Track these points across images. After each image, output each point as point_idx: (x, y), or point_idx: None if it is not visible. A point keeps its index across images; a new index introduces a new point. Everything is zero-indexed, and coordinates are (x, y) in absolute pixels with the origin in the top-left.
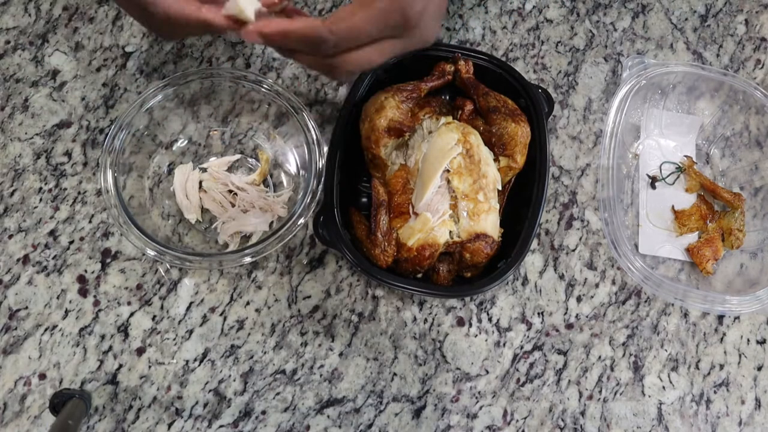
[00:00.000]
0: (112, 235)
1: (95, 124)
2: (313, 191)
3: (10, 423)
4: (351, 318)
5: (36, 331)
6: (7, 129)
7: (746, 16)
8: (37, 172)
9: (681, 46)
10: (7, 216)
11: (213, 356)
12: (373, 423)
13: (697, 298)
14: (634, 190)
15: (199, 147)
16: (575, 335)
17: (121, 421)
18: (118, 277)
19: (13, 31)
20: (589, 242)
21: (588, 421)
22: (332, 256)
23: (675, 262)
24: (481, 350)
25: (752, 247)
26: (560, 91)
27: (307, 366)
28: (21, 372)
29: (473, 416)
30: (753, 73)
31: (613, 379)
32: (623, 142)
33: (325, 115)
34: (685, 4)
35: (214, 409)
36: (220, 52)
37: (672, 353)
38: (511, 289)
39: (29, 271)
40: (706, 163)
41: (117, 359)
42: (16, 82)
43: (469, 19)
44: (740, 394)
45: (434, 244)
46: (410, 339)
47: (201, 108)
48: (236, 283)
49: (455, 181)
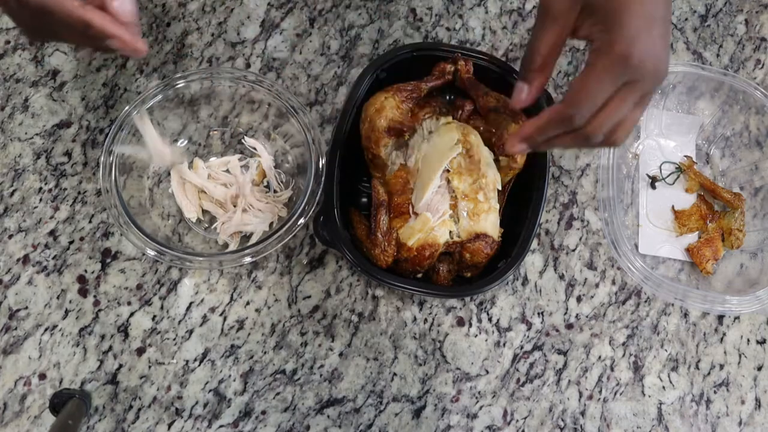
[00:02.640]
0: (112, 235)
1: (95, 124)
2: (313, 191)
3: (10, 423)
4: (351, 318)
5: (36, 331)
6: (7, 129)
7: (746, 16)
8: (37, 172)
9: (681, 46)
10: (7, 216)
11: (213, 356)
12: (373, 423)
13: (697, 298)
14: (634, 190)
15: (199, 147)
16: (575, 335)
17: (121, 421)
18: (118, 277)
19: (13, 31)
20: (589, 242)
21: (588, 421)
22: (332, 256)
23: (675, 262)
24: (481, 350)
25: (752, 247)
26: (560, 91)
27: (307, 366)
28: (21, 372)
29: (473, 416)
30: (753, 73)
31: (613, 379)
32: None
33: (325, 115)
34: (685, 4)
35: (214, 409)
36: (220, 52)
37: (672, 353)
38: (511, 289)
39: (29, 271)
40: (706, 163)
41: (117, 359)
42: (16, 82)
43: (469, 19)
44: (740, 394)
45: (434, 244)
46: (410, 339)
47: (201, 108)
48: (236, 283)
49: (455, 181)
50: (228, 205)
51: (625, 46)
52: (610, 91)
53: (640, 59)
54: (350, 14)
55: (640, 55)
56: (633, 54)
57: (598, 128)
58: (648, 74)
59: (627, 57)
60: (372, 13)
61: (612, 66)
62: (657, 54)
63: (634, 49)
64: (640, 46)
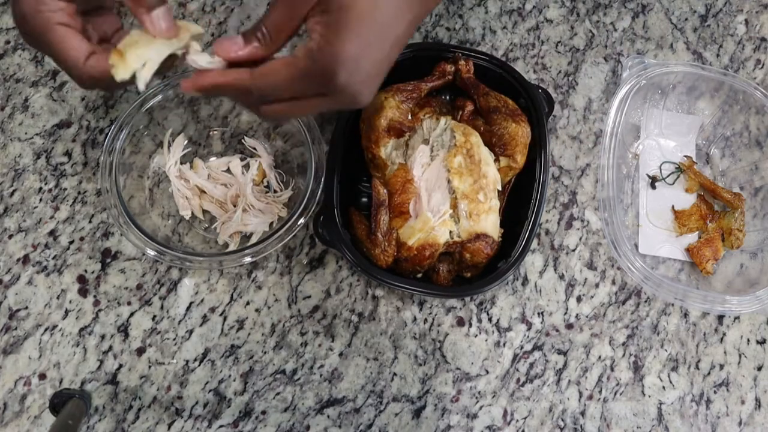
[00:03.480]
0: (112, 235)
1: (95, 124)
2: (313, 191)
3: (10, 423)
4: (351, 318)
5: (36, 331)
6: (7, 129)
7: (746, 16)
8: (37, 172)
9: (681, 46)
10: (7, 216)
11: (213, 356)
12: (373, 423)
13: (697, 298)
14: (634, 190)
15: (199, 147)
16: (575, 335)
17: (121, 421)
18: (118, 277)
19: (13, 31)
20: (589, 242)
21: (588, 421)
22: (332, 256)
23: (675, 262)
24: (481, 350)
25: (752, 247)
26: (560, 91)
27: (307, 366)
28: (21, 372)
29: (473, 416)
30: (753, 73)
31: (613, 379)
32: (623, 142)
33: (325, 115)
34: (685, 4)
35: (214, 409)
36: None
37: (672, 353)
38: (511, 289)
39: (29, 271)
40: (706, 163)
41: (117, 359)
42: (16, 82)
43: (469, 19)
44: (740, 394)
45: (434, 243)
46: (410, 339)
47: (201, 108)
48: (236, 283)
49: (456, 181)
50: (228, 205)
51: (335, 64)
52: (299, 93)
53: (345, 83)
54: None
55: (347, 79)
56: (339, 75)
57: (268, 114)
58: (346, 98)
59: (332, 76)
60: None
61: (314, 75)
62: (364, 81)
63: (342, 71)
64: (349, 70)
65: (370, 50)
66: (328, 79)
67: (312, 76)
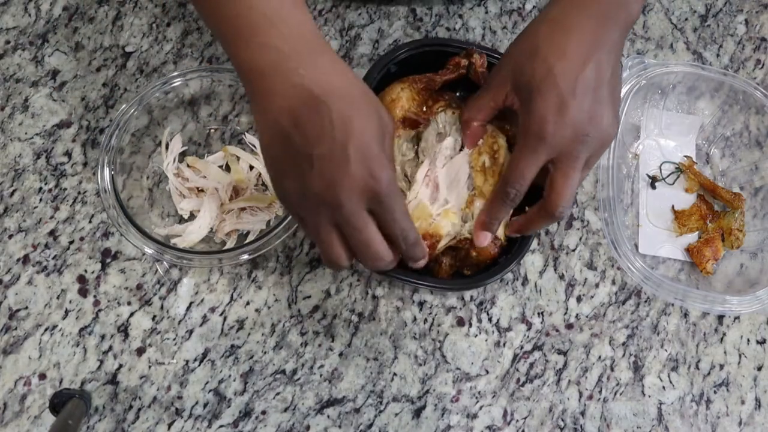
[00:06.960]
0: (112, 235)
1: (95, 124)
2: None
3: (10, 423)
4: (351, 318)
5: (36, 331)
6: (7, 129)
7: (746, 16)
8: (37, 172)
9: (681, 46)
10: (7, 216)
11: (213, 356)
12: (373, 423)
13: (697, 298)
14: (634, 190)
15: (199, 147)
16: (575, 335)
17: (121, 421)
18: (118, 277)
19: (13, 31)
20: (589, 242)
21: (588, 421)
22: None
23: (675, 262)
24: (481, 350)
25: (752, 247)
26: None
27: (307, 366)
28: (21, 372)
29: (473, 416)
30: (753, 73)
31: (613, 379)
32: (623, 142)
33: None
34: (685, 4)
35: (214, 409)
36: (220, 52)
37: (672, 353)
38: (511, 289)
39: (29, 271)
40: (706, 163)
41: (117, 359)
42: (16, 82)
43: (469, 19)
44: (740, 394)
45: (435, 234)
46: (410, 339)
47: (201, 108)
48: (236, 283)
49: (478, 180)
50: (225, 204)
51: (536, 127)
52: (536, 166)
53: (554, 135)
54: (350, 14)
55: (554, 132)
56: (546, 132)
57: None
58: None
59: (541, 137)
60: (372, 13)
61: (532, 145)
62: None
63: (546, 129)
64: (550, 125)
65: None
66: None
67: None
